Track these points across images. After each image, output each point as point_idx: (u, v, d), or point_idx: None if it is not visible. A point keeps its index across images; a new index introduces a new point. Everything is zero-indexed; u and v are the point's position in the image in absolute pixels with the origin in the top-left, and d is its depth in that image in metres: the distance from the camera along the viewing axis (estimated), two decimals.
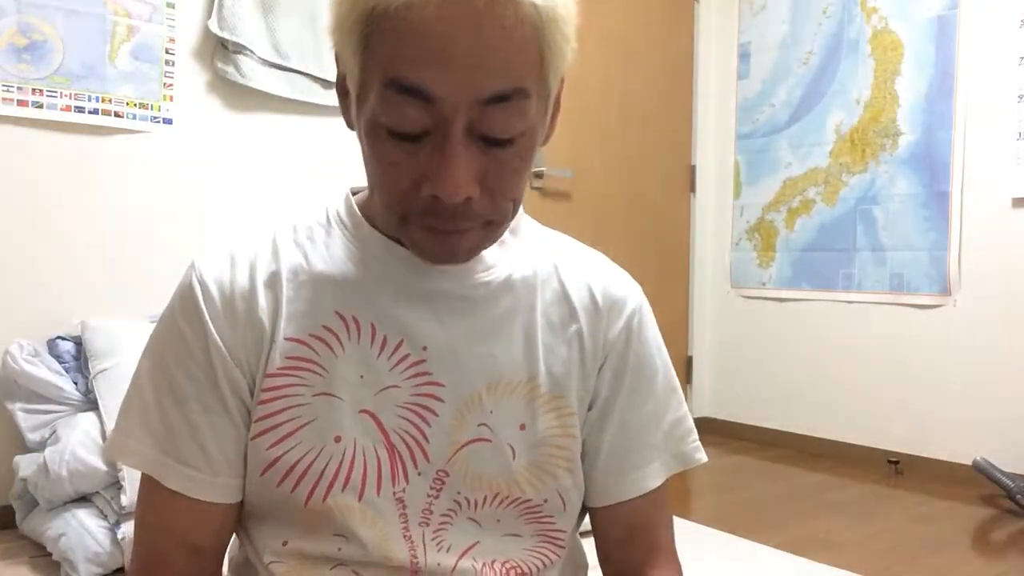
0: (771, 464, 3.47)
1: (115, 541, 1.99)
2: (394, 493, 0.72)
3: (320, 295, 0.73)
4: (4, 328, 2.28)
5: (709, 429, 4.00)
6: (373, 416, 0.72)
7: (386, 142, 0.63)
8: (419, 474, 0.72)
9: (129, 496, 1.98)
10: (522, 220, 0.83)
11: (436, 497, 0.73)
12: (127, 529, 1.98)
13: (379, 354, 0.72)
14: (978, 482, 2.91)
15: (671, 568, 0.80)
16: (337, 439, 0.71)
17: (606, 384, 0.79)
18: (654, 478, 0.79)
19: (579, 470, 0.78)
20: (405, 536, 0.72)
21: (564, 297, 0.79)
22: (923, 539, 2.54)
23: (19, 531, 2.21)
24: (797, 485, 3.16)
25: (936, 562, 2.34)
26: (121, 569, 2.01)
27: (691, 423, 0.84)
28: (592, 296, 0.79)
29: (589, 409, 0.79)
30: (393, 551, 0.72)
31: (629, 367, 0.79)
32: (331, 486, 0.71)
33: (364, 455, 0.71)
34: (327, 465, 0.71)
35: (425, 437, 0.73)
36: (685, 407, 0.84)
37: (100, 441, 2.06)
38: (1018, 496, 2.75)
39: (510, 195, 0.67)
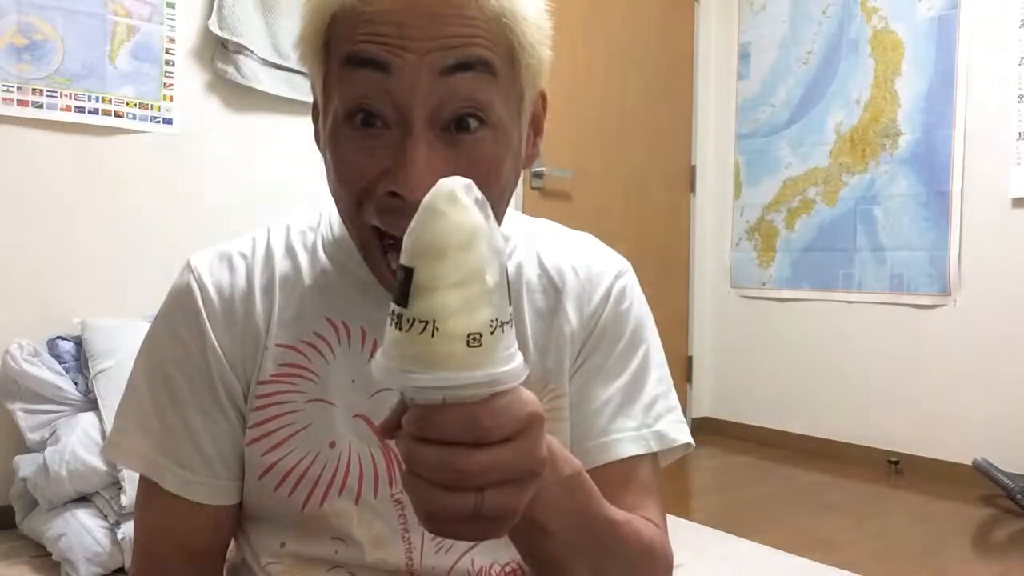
0: (771, 464, 3.47)
1: (115, 541, 1.99)
2: (392, 495, 0.72)
3: (310, 301, 0.73)
4: (4, 328, 2.28)
5: (709, 429, 4.00)
6: (367, 420, 0.71)
7: (345, 140, 0.62)
8: None
9: (129, 496, 1.98)
10: (507, 214, 0.81)
11: None
12: (127, 529, 1.98)
13: (370, 358, 0.71)
14: (978, 482, 2.91)
15: (647, 521, 0.72)
16: (332, 444, 0.71)
17: (585, 350, 0.77)
18: (627, 447, 0.74)
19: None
20: (404, 537, 0.72)
21: (549, 283, 0.77)
22: (923, 539, 2.54)
23: (19, 531, 2.21)
24: (797, 485, 3.16)
25: (936, 562, 2.34)
26: (121, 569, 2.01)
27: (674, 403, 0.79)
28: (576, 275, 0.78)
29: (571, 380, 0.77)
30: (390, 553, 0.72)
31: (607, 334, 0.77)
32: (327, 491, 0.71)
33: (360, 459, 0.71)
34: (323, 471, 0.71)
35: None
36: (668, 387, 0.80)
37: (100, 441, 2.06)
38: (1018, 496, 2.75)
39: (487, 194, 0.66)
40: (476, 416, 0.45)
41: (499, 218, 0.68)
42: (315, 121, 0.71)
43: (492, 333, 0.45)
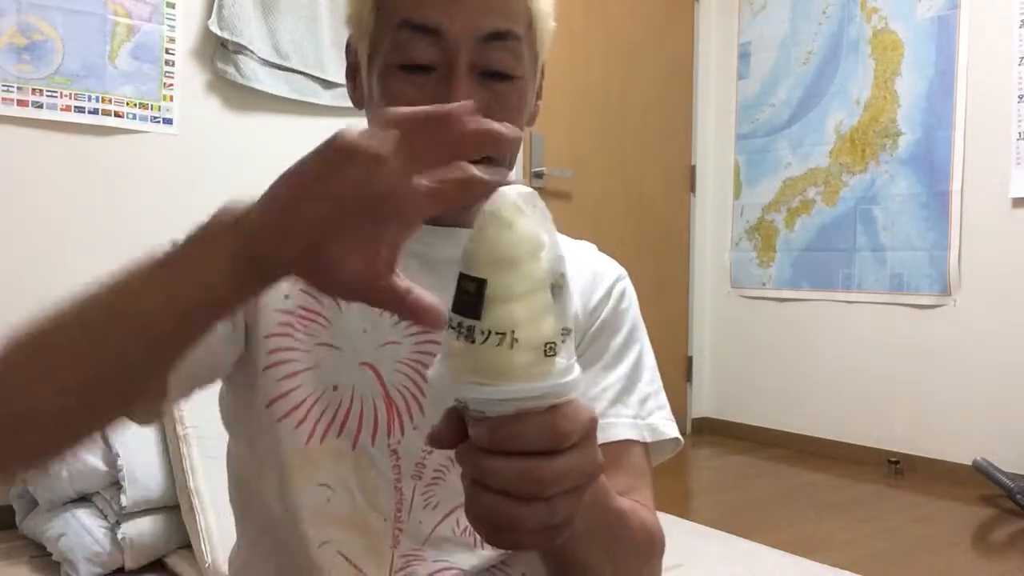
0: (771, 464, 3.47)
1: (115, 541, 1.99)
2: (389, 444, 0.74)
3: None
4: (4, 328, 2.28)
5: (709, 429, 4.00)
6: (373, 369, 0.74)
7: (397, 81, 0.71)
8: (415, 428, 0.74)
9: (129, 496, 1.98)
10: None
11: (430, 452, 0.75)
12: (127, 529, 1.99)
13: (382, 311, 0.74)
14: (978, 482, 2.91)
15: (643, 507, 0.77)
16: (335, 387, 0.73)
17: (586, 341, 0.82)
18: (623, 430, 0.79)
19: None
20: (396, 487, 0.74)
21: None
22: (923, 539, 2.54)
23: (19, 531, 2.21)
24: (797, 485, 3.16)
25: (936, 562, 2.34)
26: (121, 569, 2.01)
27: (665, 403, 0.84)
28: (581, 272, 0.84)
29: None
30: (380, 502, 0.74)
31: (606, 327, 0.83)
32: (327, 431, 0.73)
33: (362, 405, 0.73)
34: (324, 411, 0.73)
35: (422, 392, 0.75)
36: (659, 388, 0.84)
37: (100, 441, 2.06)
38: (1018, 496, 2.75)
39: None
40: (554, 423, 0.46)
41: (513, 154, 0.75)
42: (351, 79, 0.79)
43: (563, 342, 0.45)
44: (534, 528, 0.47)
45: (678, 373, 3.97)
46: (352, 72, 0.78)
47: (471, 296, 0.44)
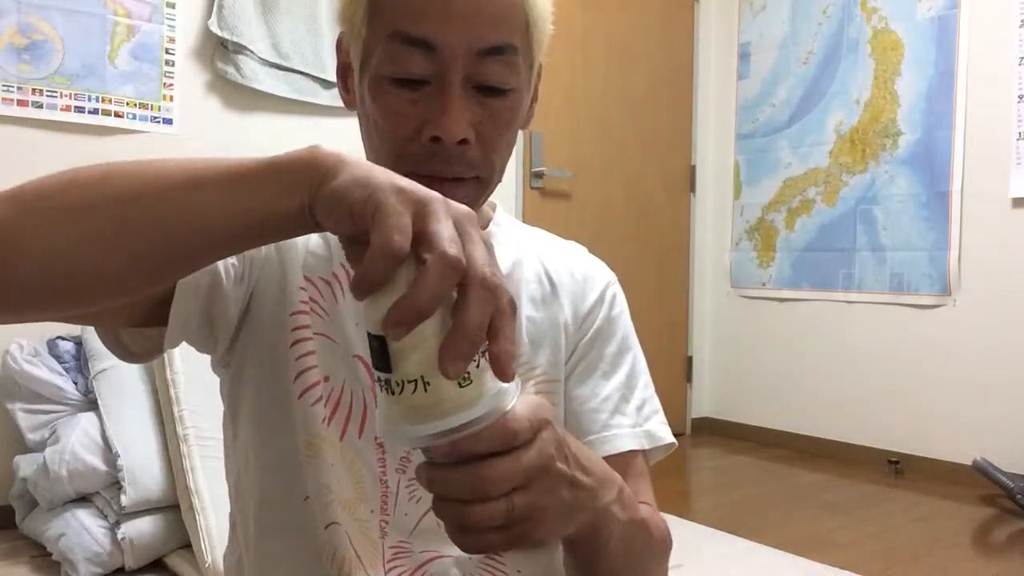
0: (771, 464, 3.47)
1: (115, 541, 1.99)
2: (375, 438, 0.74)
3: (333, 246, 0.77)
4: (4, 328, 2.28)
5: (709, 429, 4.00)
6: (364, 363, 0.74)
7: (390, 94, 0.69)
8: None
9: (129, 496, 1.98)
10: (505, 217, 0.87)
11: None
12: (127, 529, 1.99)
13: None
14: (978, 482, 2.92)
15: (651, 508, 0.80)
16: (326, 379, 0.73)
17: (581, 348, 0.83)
18: (625, 442, 0.81)
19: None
20: (382, 480, 0.74)
21: (546, 277, 0.83)
22: (923, 539, 2.54)
23: (19, 531, 2.21)
24: (797, 485, 3.16)
25: (936, 562, 2.34)
26: (121, 569, 2.01)
27: (659, 407, 0.86)
28: (572, 275, 0.85)
29: (567, 379, 0.82)
30: (367, 494, 0.74)
31: (601, 334, 0.84)
32: (322, 419, 0.73)
33: (351, 397, 0.74)
34: (317, 401, 0.73)
35: None
36: (653, 392, 0.86)
37: (100, 441, 2.06)
38: (1018, 496, 2.75)
39: (498, 149, 0.72)
40: (503, 425, 0.49)
41: (501, 168, 0.74)
42: (343, 79, 0.76)
43: (478, 366, 0.46)
44: (496, 524, 0.50)
45: (678, 373, 3.96)
46: (343, 71, 0.77)
47: (378, 353, 0.46)
